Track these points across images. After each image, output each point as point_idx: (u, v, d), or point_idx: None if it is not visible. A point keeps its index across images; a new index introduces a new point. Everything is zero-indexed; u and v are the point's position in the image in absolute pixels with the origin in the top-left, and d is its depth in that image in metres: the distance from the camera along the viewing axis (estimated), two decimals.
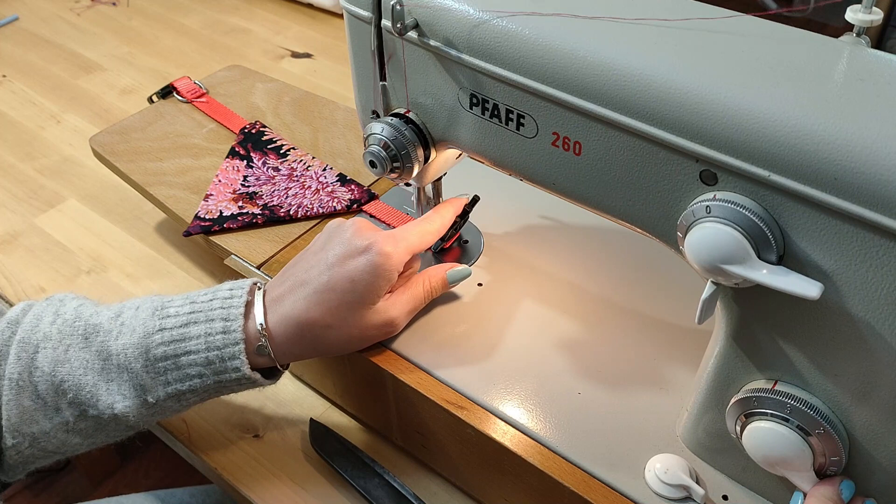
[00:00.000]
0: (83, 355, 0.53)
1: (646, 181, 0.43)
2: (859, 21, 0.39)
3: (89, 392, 0.52)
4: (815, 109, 0.36)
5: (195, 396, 0.54)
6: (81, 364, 0.52)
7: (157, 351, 0.52)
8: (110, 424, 0.54)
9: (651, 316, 0.59)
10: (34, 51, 1.16)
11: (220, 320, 0.52)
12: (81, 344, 0.53)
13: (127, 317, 0.54)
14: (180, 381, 0.52)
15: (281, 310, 0.53)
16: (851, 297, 0.38)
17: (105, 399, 0.52)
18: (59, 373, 0.52)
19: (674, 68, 0.40)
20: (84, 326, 0.54)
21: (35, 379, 0.53)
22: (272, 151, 0.77)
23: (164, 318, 0.53)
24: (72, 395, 0.52)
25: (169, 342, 0.52)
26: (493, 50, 0.45)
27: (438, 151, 0.55)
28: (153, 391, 0.52)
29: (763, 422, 0.43)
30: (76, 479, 1.49)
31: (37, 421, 0.53)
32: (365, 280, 0.52)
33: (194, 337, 0.52)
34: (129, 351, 0.52)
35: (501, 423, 0.52)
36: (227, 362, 0.52)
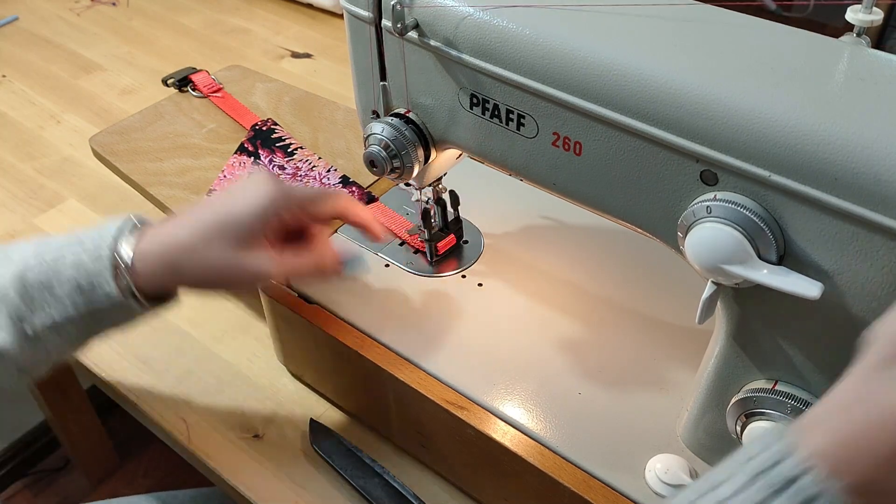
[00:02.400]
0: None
1: (646, 181, 0.43)
2: (859, 21, 0.39)
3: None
4: (816, 109, 0.36)
5: (73, 328, 0.53)
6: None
7: (32, 278, 0.51)
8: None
9: (651, 316, 0.59)
10: (34, 51, 1.16)
11: (93, 245, 0.52)
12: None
13: (13, 248, 0.54)
14: (55, 310, 0.51)
15: (160, 238, 0.52)
16: (851, 297, 0.38)
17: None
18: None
19: (674, 68, 0.40)
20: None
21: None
22: (280, 149, 0.77)
23: (43, 247, 0.53)
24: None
25: (44, 269, 0.51)
26: (493, 50, 0.45)
27: (438, 151, 0.55)
28: (29, 321, 0.52)
29: (763, 422, 0.43)
30: (76, 479, 1.49)
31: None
32: (243, 213, 0.51)
33: (69, 265, 0.52)
34: (6, 279, 0.51)
35: (501, 423, 0.52)
36: (95, 288, 0.51)
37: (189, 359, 0.71)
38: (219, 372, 0.69)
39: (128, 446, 1.50)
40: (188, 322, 0.74)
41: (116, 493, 1.44)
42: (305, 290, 0.61)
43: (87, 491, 1.46)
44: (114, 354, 0.71)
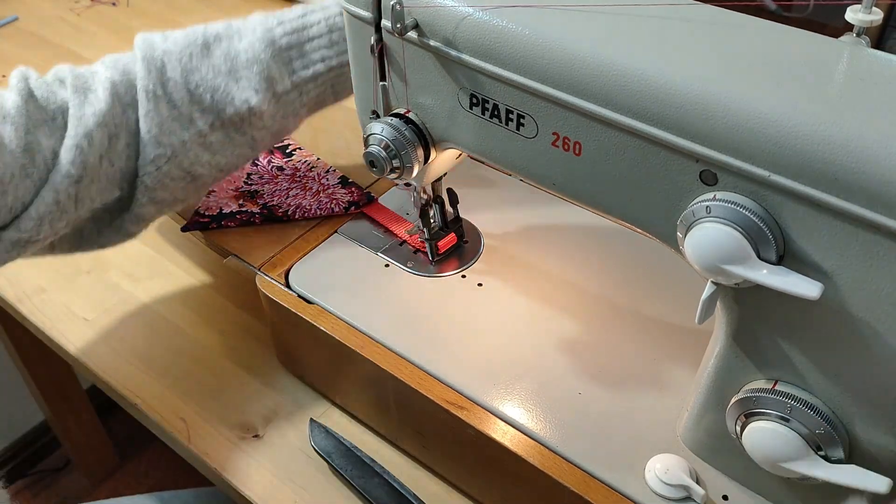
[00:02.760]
0: (210, 62, 0.57)
1: (646, 181, 0.43)
2: (859, 21, 0.39)
3: (223, 92, 0.57)
4: (816, 109, 0.36)
5: (315, 86, 0.58)
6: (210, 69, 0.57)
7: (282, 41, 0.57)
8: (240, 131, 0.58)
9: (651, 316, 0.59)
10: (34, 51, 1.16)
11: (336, 5, 0.57)
12: (204, 52, 0.57)
13: (240, 24, 0.59)
14: (305, 68, 0.57)
15: None
16: (851, 297, 0.38)
17: (239, 95, 0.57)
18: (192, 80, 0.56)
19: (674, 68, 0.40)
20: (202, 37, 0.58)
21: (169, 89, 0.56)
22: (278, 150, 0.77)
23: (280, 15, 0.58)
24: (208, 101, 0.56)
25: (291, 32, 0.57)
26: (493, 50, 0.45)
27: (438, 151, 0.55)
28: (281, 80, 0.57)
29: (763, 422, 0.43)
30: (76, 479, 1.49)
31: (174, 131, 0.56)
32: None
33: (315, 23, 0.57)
34: (257, 45, 0.56)
35: (501, 423, 0.52)
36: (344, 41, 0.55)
37: (189, 359, 0.71)
38: (219, 372, 0.69)
39: (128, 446, 1.50)
40: (188, 322, 0.74)
41: (116, 493, 1.44)
42: (305, 291, 0.61)
43: (87, 491, 1.46)
44: (114, 354, 0.71)
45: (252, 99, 0.57)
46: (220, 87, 0.57)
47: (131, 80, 0.57)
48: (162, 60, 0.57)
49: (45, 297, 0.77)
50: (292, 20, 0.57)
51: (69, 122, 0.54)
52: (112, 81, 0.56)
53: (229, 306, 0.76)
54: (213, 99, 0.57)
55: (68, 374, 1.25)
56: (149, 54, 0.57)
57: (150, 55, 0.57)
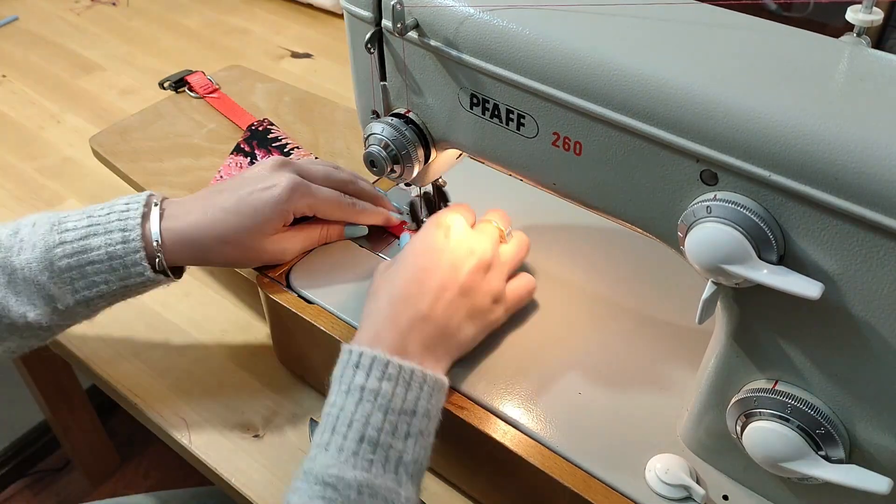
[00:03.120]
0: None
1: (646, 181, 0.43)
2: (859, 21, 0.39)
3: (0, 303, 0.56)
4: (816, 109, 0.36)
5: (103, 301, 0.58)
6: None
7: (61, 263, 0.56)
8: (24, 330, 0.58)
9: (651, 316, 0.59)
10: (34, 51, 1.16)
11: (119, 231, 0.56)
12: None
13: (25, 233, 0.57)
14: (87, 289, 0.57)
15: (182, 223, 0.57)
16: (852, 297, 0.38)
17: (16, 309, 0.56)
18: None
19: (674, 68, 0.40)
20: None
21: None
22: (276, 150, 0.77)
23: (62, 233, 0.56)
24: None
25: (71, 255, 0.56)
26: (493, 50, 0.45)
27: (438, 151, 0.55)
28: (62, 299, 0.56)
29: (763, 422, 0.43)
30: (76, 479, 1.49)
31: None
32: (265, 212, 0.57)
33: (95, 248, 0.56)
34: (34, 265, 0.55)
35: (501, 423, 0.52)
36: (129, 269, 0.56)
37: (189, 359, 0.71)
38: (219, 372, 0.69)
39: (128, 446, 1.50)
40: (188, 322, 0.74)
41: (116, 493, 1.44)
42: (305, 291, 0.61)
43: (87, 491, 1.46)
44: (114, 354, 0.71)
45: (30, 314, 0.56)
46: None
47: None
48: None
49: None
50: (74, 241, 0.56)
51: None
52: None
53: (229, 306, 0.76)
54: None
55: (68, 374, 1.25)
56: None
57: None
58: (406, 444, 0.48)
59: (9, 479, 1.47)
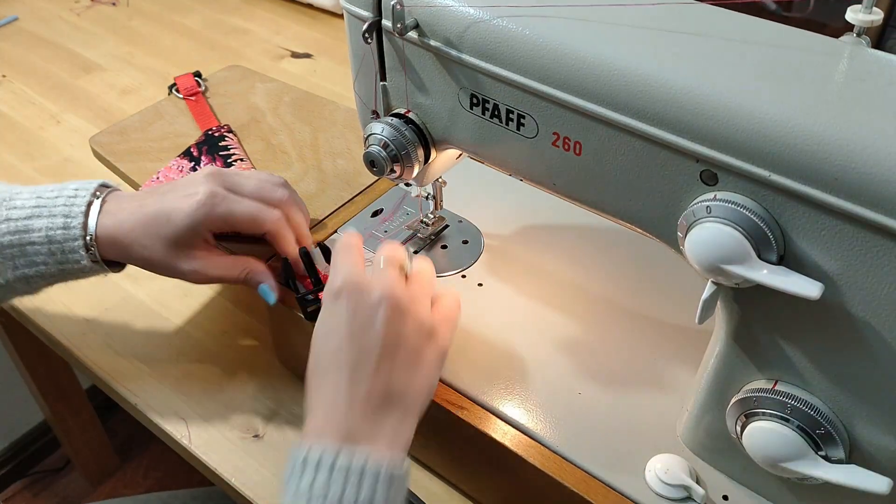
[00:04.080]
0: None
1: (646, 181, 0.43)
2: (859, 21, 0.39)
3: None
4: (816, 109, 0.36)
5: (43, 280, 0.59)
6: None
7: (3, 239, 0.57)
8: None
9: (651, 316, 0.59)
10: (34, 51, 1.16)
11: (62, 216, 0.57)
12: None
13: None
14: (27, 267, 0.58)
15: (112, 220, 0.58)
16: (852, 297, 0.38)
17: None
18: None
19: (674, 68, 0.40)
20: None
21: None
22: (221, 158, 0.75)
23: (10, 210, 0.58)
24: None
25: (14, 232, 0.57)
26: (493, 50, 0.45)
27: (438, 151, 0.55)
28: (2, 273, 0.58)
29: (763, 422, 0.43)
30: (76, 479, 1.49)
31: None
32: (176, 222, 0.56)
33: (37, 230, 0.57)
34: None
35: (501, 423, 0.52)
36: (67, 255, 0.57)
37: (189, 359, 0.71)
38: (219, 372, 0.69)
39: (128, 446, 1.50)
40: (188, 322, 0.74)
41: (116, 493, 1.44)
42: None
43: (87, 491, 1.46)
44: (114, 354, 0.71)
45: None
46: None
47: None
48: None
49: (45, 297, 0.77)
50: (18, 220, 0.57)
51: None
52: None
53: (229, 306, 0.76)
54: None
55: (68, 374, 1.25)
56: None
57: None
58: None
59: (9, 479, 1.47)
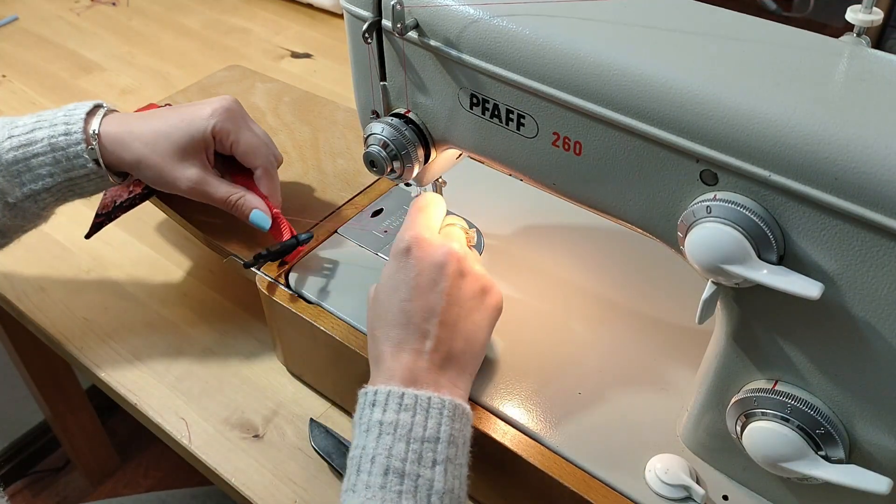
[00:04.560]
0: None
1: (646, 181, 0.43)
2: (859, 21, 0.39)
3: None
4: (816, 109, 0.36)
5: (50, 196, 0.61)
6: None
7: (8, 156, 0.59)
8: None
9: (651, 316, 0.59)
10: (34, 51, 1.16)
11: (63, 125, 0.60)
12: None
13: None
14: (33, 182, 0.60)
15: (117, 122, 0.61)
16: (852, 297, 0.38)
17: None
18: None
19: (674, 68, 0.40)
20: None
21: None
22: None
23: (12, 128, 0.61)
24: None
25: (17, 147, 0.59)
26: (493, 50, 0.45)
27: (438, 151, 0.55)
28: (11, 192, 0.60)
29: (763, 422, 0.43)
30: (76, 479, 1.49)
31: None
32: (190, 124, 0.61)
33: (39, 140, 0.60)
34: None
35: (501, 423, 0.52)
36: (72, 160, 0.60)
37: (189, 359, 0.71)
38: (219, 372, 0.69)
39: (128, 446, 1.50)
40: (188, 322, 0.74)
41: (116, 493, 1.44)
42: (305, 291, 0.61)
43: (87, 491, 1.46)
44: (114, 354, 0.71)
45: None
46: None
47: None
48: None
49: (45, 297, 0.77)
50: (20, 136, 0.60)
51: None
52: None
53: (229, 306, 0.76)
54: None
55: (68, 374, 1.25)
56: None
57: None
58: (434, 471, 0.46)
59: (9, 479, 1.47)
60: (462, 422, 0.48)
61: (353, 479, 0.46)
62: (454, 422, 0.47)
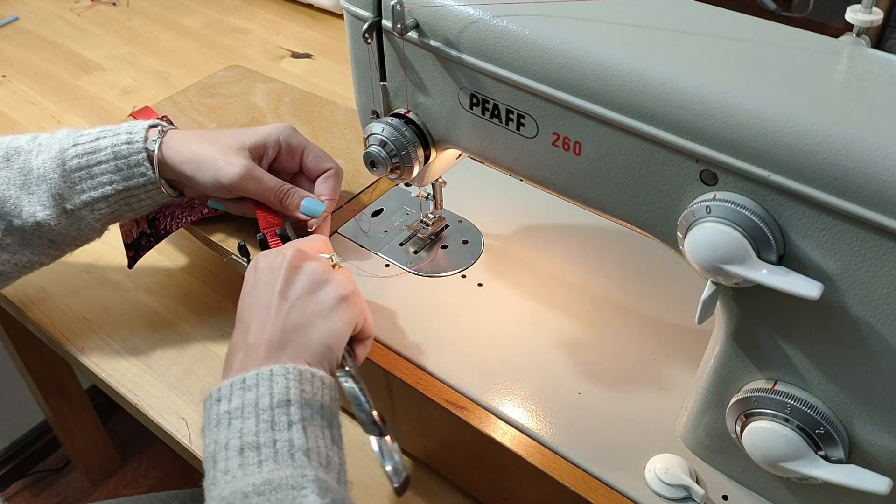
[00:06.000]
0: (5, 174, 0.61)
1: (646, 181, 0.43)
2: (859, 21, 0.39)
3: (13, 204, 0.61)
4: (815, 109, 0.36)
5: (107, 206, 0.62)
6: (4, 181, 0.61)
7: (72, 163, 0.60)
8: (34, 237, 0.63)
9: (651, 316, 0.59)
10: (34, 51, 1.16)
11: (126, 133, 0.62)
12: (2, 164, 0.62)
13: (44, 139, 0.63)
14: (93, 189, 0.61)
15: (171, 149, 0.62)
16: (851, 297, 0.38)
17: (28, 209, 0.61)
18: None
19: (674, 68, 0.40)
20: (5, 149, 0.62)
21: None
22: None
23: (77, 137, 0.62)
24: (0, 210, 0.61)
25: (82, 154, 0.61)
26: (493, 50, 0.45)
27: (438, 151, 0.55)
28: (70, 199, 0.61)
29: (763, 422, 0.43)
30: (76, 479, 1.49)
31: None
32: (214, 181, 0.62)
33: (103, 149, 0.61)
34: (48, 164, 0.61)
35: (501, 423, 0.52)
36: (133, 168, 0.61)
37: (189, 359, 0.71)
38: (219, 372, 0.69)
39: (128, 446, 1.50)
40: (188, 322, 0.74)
41: (116, 493, 1.44)
42: None
43: (87, 491, 1.46)
44: (114, 354, 0.71)
45: (39, 213, 0.61)
46: (9, 199, 0.61)
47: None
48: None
49: (45, 298, 0.77)
50: (86, 143, 0.61)
51: None
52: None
53: (229, 306, 0.76)
54: (3, 209, 0.61)
55: (68, 374, 1.25)
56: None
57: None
58: (292, 432, 0.44)
59: (9, 479, 1.47)
60: (315, 385, 0.47)
61: (212, 472, 0.44)
62: (303, 384, 0.46)
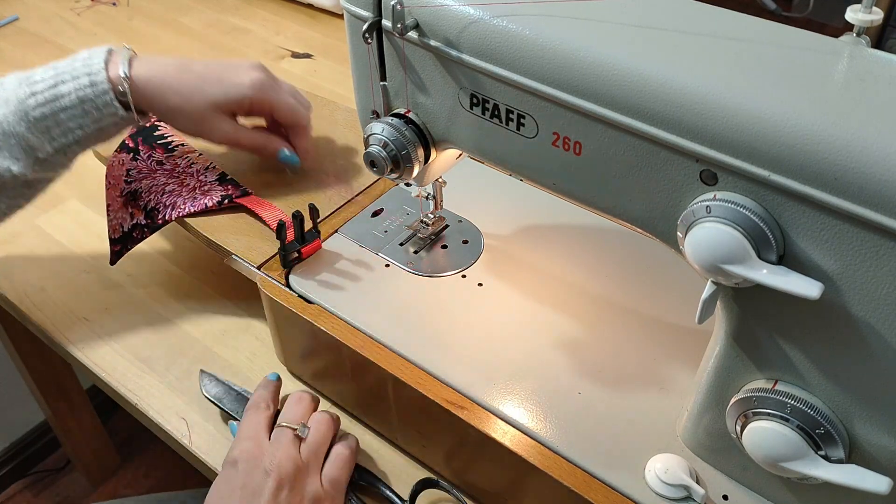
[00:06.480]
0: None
1: (646, 181, 0.43)
2: (859, 21, 0.39)
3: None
4: (816, 109, 0.36)
5: (79, 147, 0.62)
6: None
7: (35, 113, 0.59)
8: (8, 186, 0.62)
9: (651, 316, 0.59)
10: (34, 51, 1.16)
11: (86, 76, 0.60)
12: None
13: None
14: (64, 136, 0.60)
15: (146, 67, 0.62)
16: (852, 297, 0.38)
17: (1, 164, 0.60)
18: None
19: (674, 68, 0.40)
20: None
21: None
22: (161, 147, 0.76)
23: (31, 85, 0.60)
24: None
25: (44, 104, 0.59)
26: (493, 50, 0.45)
27: (438, 151, 0.55)
28: (42, 148, 0.60)
29: (763, 421, 0.43)
30: (76, 479, 1.49)
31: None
32: (228, 89, 0.63)
33: (65, 94, 0.60)
34: (10, 118, 0.59)
35: (501, 423, 0.52)
36: (102, 110, 0.61)
37: (189, 359, 0.71)
38: (219, 372, 0.69)
39: (128, 446, 1.50)
40: (188, 322, 0.74)
41: (116, 493, 1.44)
42: (305, 291, 0.61)
43: (87, 491, 1.46)
44: (114, 354, 0.71)
45: (14, 167, 0.60)
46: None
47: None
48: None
49: (45, 297, 0.77)
50: (44, 91, 0.60)
51: None
52: None
53: (229, 306, 0.76)
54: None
55: (68, 374, 1.25)
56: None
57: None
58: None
59: (9, 479, 1.47)
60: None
61: None
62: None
